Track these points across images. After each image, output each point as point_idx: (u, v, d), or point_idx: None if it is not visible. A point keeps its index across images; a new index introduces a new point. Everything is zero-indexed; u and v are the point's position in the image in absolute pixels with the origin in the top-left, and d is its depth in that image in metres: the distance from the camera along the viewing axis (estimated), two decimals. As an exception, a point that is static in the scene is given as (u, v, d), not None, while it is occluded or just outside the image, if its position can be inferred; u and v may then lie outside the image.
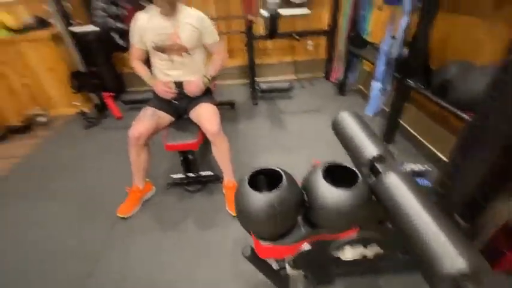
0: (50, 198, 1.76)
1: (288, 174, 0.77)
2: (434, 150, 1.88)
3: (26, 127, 2.59)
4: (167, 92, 1.50)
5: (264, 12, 2.08)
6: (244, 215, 0.73)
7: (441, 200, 0.96)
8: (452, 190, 0.92)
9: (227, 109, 2.69)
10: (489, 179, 0.82)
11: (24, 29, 2.56)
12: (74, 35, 2.28)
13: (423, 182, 1.63)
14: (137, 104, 2.85)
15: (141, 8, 2.63)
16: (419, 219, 0.58)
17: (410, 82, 1.68)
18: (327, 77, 3.25)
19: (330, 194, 0.70)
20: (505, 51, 1.34)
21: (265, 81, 3.27)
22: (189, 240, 1.42)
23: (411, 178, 0.71)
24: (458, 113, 1.32)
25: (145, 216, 1.58)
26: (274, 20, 1.98)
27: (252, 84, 2.69)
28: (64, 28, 2.26)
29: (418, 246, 0.56)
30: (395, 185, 0.67)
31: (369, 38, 2.57)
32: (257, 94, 2.78)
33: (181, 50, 1.47)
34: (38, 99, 2.77)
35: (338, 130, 1.00)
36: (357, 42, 2.50)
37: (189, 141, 1.45)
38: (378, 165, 0.75)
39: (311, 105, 2.69)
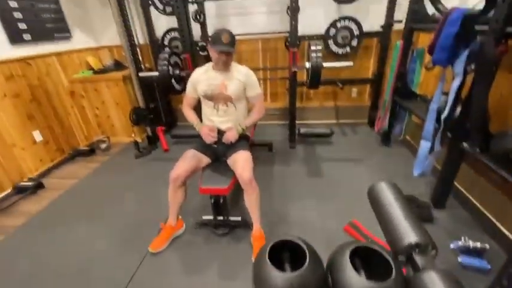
0: (93, 220, 1.94)
1: (312, 250, 0.73)
2: (494, 221, 1.61)
3: (91, 151, 2.98)
4: (210, 135, 1.64)
5: (308, 65, 2.17)
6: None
7: None
8: None
9: (264, 150, 2.74)
10: None
11: (104, 70, 3.07)
12: (140, 77, 2.65)
13: (481, 262, 1.39)
14: (183, 139, 3.11)
15: (197, 56, 3.03)
16: None
17: (464, 145, 1.53)
18: (371, 124, 3.14)
19: (357, 286, 0.64)
20: None
21: (305, 123, 3.30)
22: (210, 288, 1.39)
23: (457, 280, 0.61)
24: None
25: (172, 254, 1.61)
26: (317, 72, 2.05)
27: (292, 128, 2.73)
28: (134, 72, 2.65)
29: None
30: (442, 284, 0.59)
31: (417, 90, 2.46)
32: (295, 137, 2.79)
33: (227, 99, 1.65)
34: (103, 126, 3.21)
35: (374, 201, 0.93)
36: (405, 93, 2.41)
37: (220, 186, 1.51)
38: (417, 257, 0.67)
39: (352, 154, 2.59)
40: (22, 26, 2.41)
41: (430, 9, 2.04)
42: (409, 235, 0.71)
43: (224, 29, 1.51)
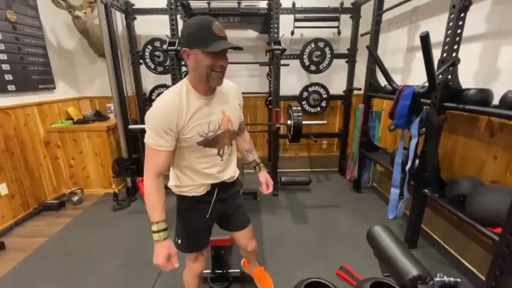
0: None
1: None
2: (458, 257, 1.88)
3: (60, 204, 2.74)
4: (170, 264, 1.02)
5: (290, 122, 2.49)
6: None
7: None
8: None
9: (250, 198, 2.84)
10: None
11: (84, 120, 3.06)
12: (127, 128, 2.71)
13: (456, 295, 1.59)
14: (166, 189, 3.06)
15: None
16: None
17: (426, 191, 1.86)
18: (341, 172, 3.50)
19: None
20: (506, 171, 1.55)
21: (283, 171, 3.53)
22: None
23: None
24: (479, 227, 1.42)
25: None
26: (298, 129, 2.36)
27: (274, 177, 2.92)
28: (121, 123, 2.70)
29: None
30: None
31: (378, 144, 2.92)
32: (277, 186, 2.97)
33: (232, 137, 1.13)
34: (76, 177, 3.04)
35: (373, 243, 1.10)
36: (369, 146, 2.83)
37: (224, 237, 1.55)
38: (421, 287, 0.84)
39: (329, 200, 2.82)
40: (8, 77, 2.40)
41: (383, 82, 2.60)
42: (412, 269, 0.89)
43: (207, 17, 0.89)
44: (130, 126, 2.56)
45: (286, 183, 2.98)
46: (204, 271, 1.68)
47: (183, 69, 2.88)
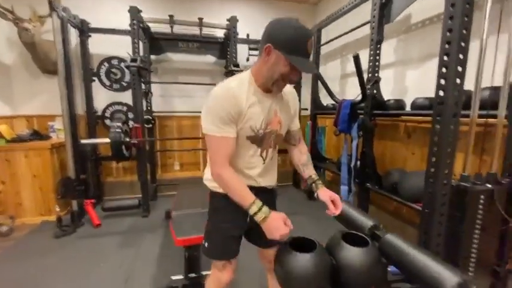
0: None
1: (318, 242, 1.00)
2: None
3: (-19, 238, 2.28)
4: (287, 228, 0.91)
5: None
6: (291, 276, 0.88)
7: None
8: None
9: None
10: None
11: (20, 140, 2.72)
12: (76, 147, 2.52)
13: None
14: (118, 211, 2.83)
15: (146, 123, 3.17)
16: (420, 259, 0.85)
17: (368, 185, 2.22)
18: (296, 185, 3.78)
19: (354, 253, 0.93)
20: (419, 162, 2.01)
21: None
22: None
23: (398, 236, 1.01)
24: (408, 204, 1.78)
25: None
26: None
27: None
28: (70, 141, 2.51)
29: (423, 277, 0.81)
30: (395, 241, 0.96)
31: (325, 155, 3.34)
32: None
33: (277, 140, 1.06)
34: (5, 205, 2.59)
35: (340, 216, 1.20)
36: (318, 157, 3.21)
37: (200, 234, 1.55)
38: (376, 232, 1.06)
39: (290, 208, 3.01)
40: None
41: (324, 102, 3.08)
42: (368, 222, 1.10)
43: (306, 29, 0.85)
44: (83, 141, 2.40)
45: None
46: (175, 277, 1.65)
47: (143, 86, 2.91)
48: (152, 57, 3.24)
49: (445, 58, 1.08)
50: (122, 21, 2.89)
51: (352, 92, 2.08)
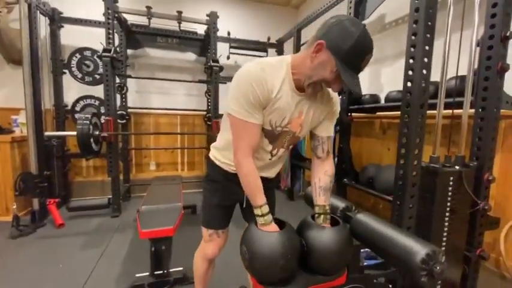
0: None
1: (288, 223, 0.94)
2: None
3: None
4: None
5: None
6: (256, 255, 0.82)
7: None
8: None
9: (189, 213, 2.71)
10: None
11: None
12: (41, 140, 2.34)
13: (377, 260, 1.85)
14: (85, 211, 2.64)
15: (120, 119, 3.02)
16: (387, 234, 0.82)
17: (345, 180, 2.21)
18: (277, 186, 3.74)
19: (323, 232, 0.89)
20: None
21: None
22: None
23: (370, 214, 0.98)
24: (384, 196, 1.78)
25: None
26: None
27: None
28: (33, 134, 2.33)
29: (393, 252, 0.78)
30: (366, 220, 0.93)
31: (305, 155, 3.33)
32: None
33: (292, 142, 0.99)
34: (-48, 205, 2.33)
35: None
36: (298, 157, 3.20)
37: (165, 227, 1.45)
38: (348, 213, 1.02)
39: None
40: None
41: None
42: (341, 204, 1.07)
43: (370, 43, 0.76)
44: (47, 133, 2.24)
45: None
46: (139, 274, 1.52)
47: (117, 80, 2.79)
48: (129, 51, 3.13)
49: (412, 50, 1.09)
50: (98, 12, 2.78)
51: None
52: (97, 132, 2.35)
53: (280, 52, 3.55)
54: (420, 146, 1.09)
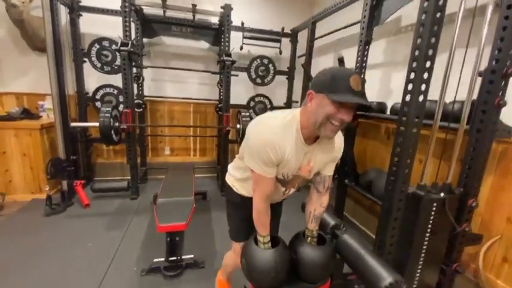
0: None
1: (282, 239, 1.11)
2: (373, 236, 2.39)
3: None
4: None
5: (239, 126, 2.77)
6: (253, 268, 1.00)
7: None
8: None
9: (200, 199, 2.95)
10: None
11: (10, 118, 2.74)
12: (68, 127, 2.56)
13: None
14: (107, 193, 2.93)
15: (137, 108, 3.21)
16: (365, 258, 0.97)
17: (346, 181, 2.33)
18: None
19: (311, 250, 1.05)
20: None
21: (231, 176, 3.75)
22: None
23: (356, 235, 1.12)
24: (378, 202, 1.90)
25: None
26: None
27: (223, 178, 3.12)
28: (60, 121, 2.54)
29: (366, 275, 0.93)
30: (350, 241, 1.08)
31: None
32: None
33: (302, 183, 1.13)
34: (-5, 182, 2.66)
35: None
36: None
37: (179, 222, 1.67)
38: (336, 231, 1.17)
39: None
40: None
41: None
42: (331, 221, 1.21)
43: (348, 69, 0.93)
44: (73, 124, 2.44)
45: (233, 183, 3.20)
46: (157, 259, 1.77)
47: (134, 70, 2.91)
48: (144, 40, 3.20)
49: (414, 64, 1.14)
50: (114, 0, 2.83)
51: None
52: (117, 124, 2.54)
53: (294, 43, 3.51)
54: (411, 160, 1.17)
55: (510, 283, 1.45)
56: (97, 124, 2.36)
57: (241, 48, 3.31)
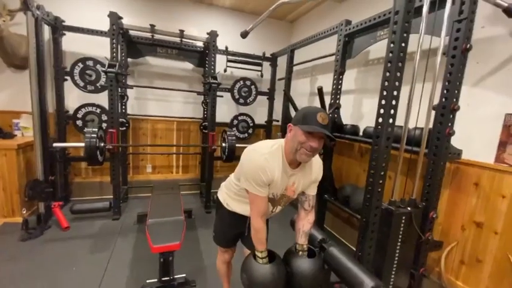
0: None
1: (277, 254, 1.24)
2: (351, 246, 2.59)
3: None
4: None
5: (225, 144, 2.89)
6: (253, 282, 1.11)
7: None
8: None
9: (185, 217, 2.96)
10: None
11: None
12: (46, 148, 2.50)
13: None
14: (87, 214, 2.84)
15: (121, 126, 3.20)
16: (350, 267, 1.13)
17: (326, 196, 2.54)
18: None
19: (303, 262, 1.19)
20: (371, 180, 2.36)
21: (215, 191, 3.81)
22: None
23: (340, 248, 1.29)
24: (356, 215, 2.12)
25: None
26: (232, 150, 2.78)
27: (208, 195, 3.18)
28: (40, 141, 2.47)
29: (351, 281, 1.09)
30: (336, 253, 1.24)
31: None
32: (211, 204, 3.22)
33: (287, 201, 1.31)
34: (-40, 207, 2.47)
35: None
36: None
37: (173, 242, 1.72)
38: (323, 245, 1.32)
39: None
40: None
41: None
42: (318, 236, 1.37)
43: (317, 108, 1.11)
44: (56, 144, 2.39)
45: (218, 200, 3.27)
46: (149, 280, 1.80)
47: (119, 89, 2.93)
48: (129, 59, 3.25)
49: (384, 93, 1.37)
50: (99, 20, 2.88)
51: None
52: (102, 144, 2.53)
53: (274, 67, 3.76)
54: (382, 186, 1.39)
55: (467, 283, 1.70)
56: (81, 144, 2.35)
57: (225, 70, 3.48)
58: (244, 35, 2.13)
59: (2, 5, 2.57)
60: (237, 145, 2.87)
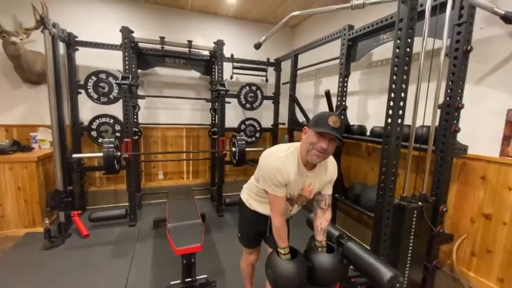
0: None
1: (299, 250, 1.31)
2: (363, 244, 2.65)
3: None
4: None
5: (234, 149, 2.98)
6: (279, 277, 1.19)
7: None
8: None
9: (198, 221, 3.05)
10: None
11: (1, 151, 2.71)
12: (65, 159, 2.60)
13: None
14: (104, 221, 2.93)
15: (134, 136, 3.31)
16: (368, 260, 1.21)
17: (336, 195, 2.61)
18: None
19: (324, 257, 1.27)
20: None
21: (226, 195, 3.89)
22: None
23: (356, 243, 1.36)
24: (367, 213, 2.19)
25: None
26: (242, 154, 2.86)
27: (220, 199, 3.26)
28: (59, 152, 2.58)
29: (370, 272, 1.16)
30: (354, 247, 1.31)
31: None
32: (223, 207, 3.30)
33: (304, 201, 1.38)
34: (-15, 219, 2.58)
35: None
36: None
37: (195, 244, 1.80)
38: (341, 240, 1.40)
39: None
40: None
41: (299, 119, 3.45)
42: (335, 232, 1.44)
43: (330, 113, 1.18)
44: (75, 155, 2.49)
45: (229, 204, 3.35)
46: (173, 282, 1.87)
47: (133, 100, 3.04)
48: (138, 70, 3.36)
49: (392, 95, 1.44)
50: (110, 35, 3.00)
51: (324, 110, 2.46)
52: (119, 153, 2.63)
53: (278, 71, 3.86)
54: (394, 183, 1.46)
55: (479, 274, 1.77)
56: (99, 154, 2.45)
57: (231, 77, 3.59)
58: (257, 46, 2.25)
59: (18, 24, 2.71)
60: (247, 149, 2.96)
